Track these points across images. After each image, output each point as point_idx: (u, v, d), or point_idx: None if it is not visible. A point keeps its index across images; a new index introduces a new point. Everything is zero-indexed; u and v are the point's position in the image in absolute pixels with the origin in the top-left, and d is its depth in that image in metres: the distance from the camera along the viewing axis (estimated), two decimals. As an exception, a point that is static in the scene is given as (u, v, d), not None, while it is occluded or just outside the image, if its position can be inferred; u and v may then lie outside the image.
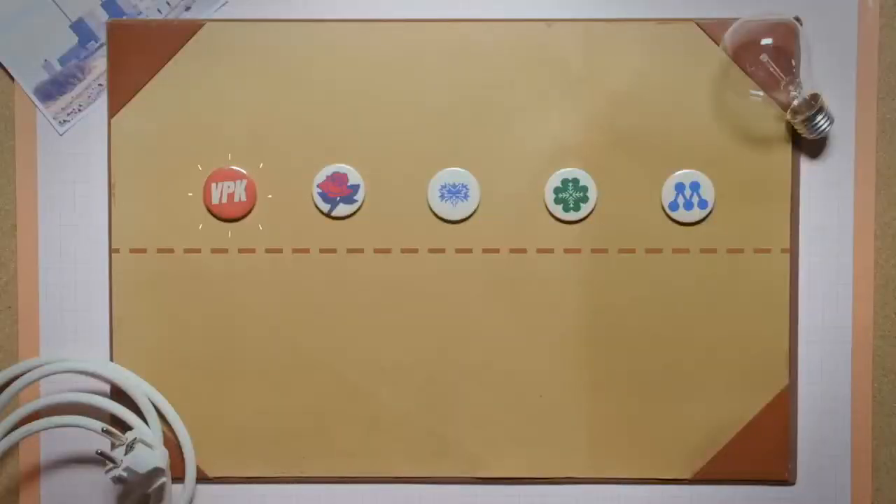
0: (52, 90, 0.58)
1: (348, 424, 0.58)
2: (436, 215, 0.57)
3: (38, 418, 0.55)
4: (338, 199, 0.57)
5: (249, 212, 0.57)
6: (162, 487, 0.55)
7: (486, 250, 0.57)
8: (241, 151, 0.57)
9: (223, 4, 0.58)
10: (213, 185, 0.57)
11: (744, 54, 0.56)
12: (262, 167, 0.57)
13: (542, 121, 0.57)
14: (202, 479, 0.58)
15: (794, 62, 0.55)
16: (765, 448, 0.57)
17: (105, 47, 0.57)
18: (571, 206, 0.57)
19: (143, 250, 0.57)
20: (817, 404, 0.58)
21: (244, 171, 0.57)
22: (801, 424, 0.58)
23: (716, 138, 0.57)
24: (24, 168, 0.58)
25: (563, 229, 0.57)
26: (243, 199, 0.57)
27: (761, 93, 0.56)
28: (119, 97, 0.57)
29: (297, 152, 0.57)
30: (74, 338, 0.58)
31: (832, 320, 0.58)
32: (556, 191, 0.57)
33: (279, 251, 0.57)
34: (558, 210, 0.57)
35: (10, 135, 0.58)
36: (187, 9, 0.58)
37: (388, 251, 0.57)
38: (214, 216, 0.57)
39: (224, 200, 0.57)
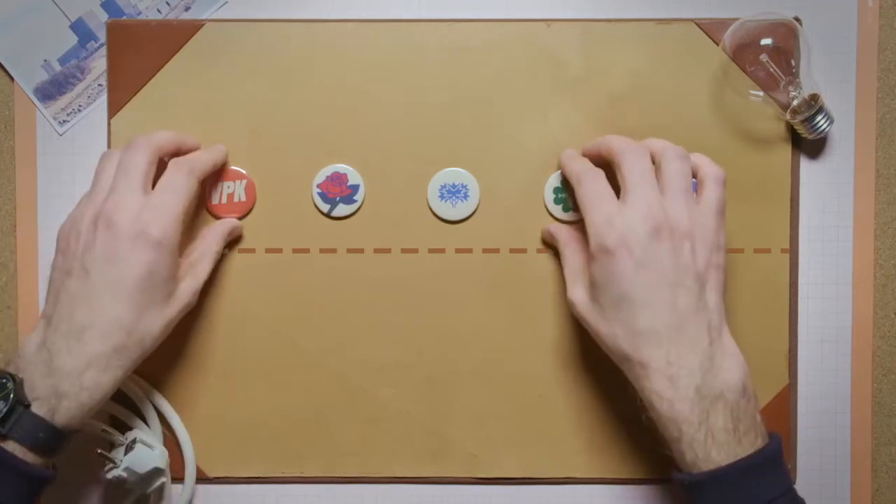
0: (52, 90, 0.58)
1: (348, 424, 0.58)
2: (436, 215, 0.57)
3: (38, 418, 0.55)
4: (337, 199, 0.57)
5: (249, 212, 0.57)
6: (162, 487, 0.55)
7: (486, 250, 0.57)
8: (241, 151, 0.57)
9: (223, 4, 0.58)
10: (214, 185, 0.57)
11: (744, 54, 0.56)
12: (262, 167, 0.57)
13: (542, 121, 0.57)
14: (202, 479, 0.58)
15: (793, 62, 0.55)
16: (765, 448, 0.57)
17: (105, 47, 0.57)
18: (571, 206, 0.57)
19: (143, 250, 0.57)
20: (817, 404, 0.58)
21: (244, 171, 0.57)
22: (801, 424, 0.58)
23: (716, 138, 0.57)
24: (24, 168, 0.58)
25: (563, 229, 0.57)
26: (243, 199, 0.57)
27: (761, 93, 0.56)
28: (119, 97, 0.57)
29: (297, 152, 0.57)
30: (74, 338, 0.58)
31: (832, 320, 0.58)
32: (556, 191, 0.57)
33: (279, 251, 0.57)
34: (558, 210, 0.57)
35: (10, 135, 0.58)
36: (187, 9, 0.58)
37: (387, 251, 0.57)
38: (214, 216, 0.57)
39: (224, 200, 0.57)
